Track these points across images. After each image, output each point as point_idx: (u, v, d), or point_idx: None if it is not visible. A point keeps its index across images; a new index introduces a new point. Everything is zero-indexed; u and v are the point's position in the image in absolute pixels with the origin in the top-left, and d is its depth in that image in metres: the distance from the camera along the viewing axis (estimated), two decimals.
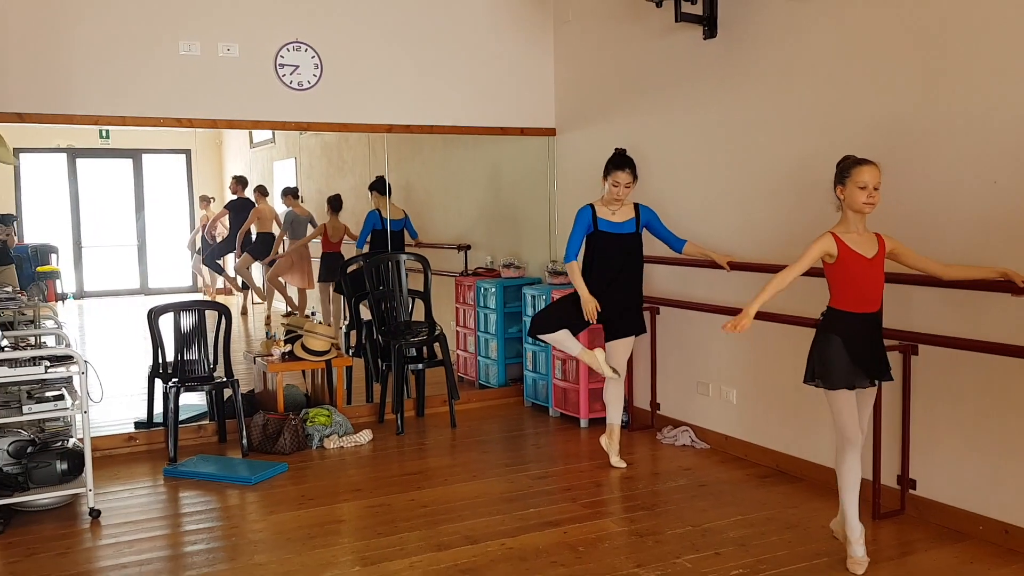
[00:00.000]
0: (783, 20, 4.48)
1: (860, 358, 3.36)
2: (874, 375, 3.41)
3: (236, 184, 7.41)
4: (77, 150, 7.46)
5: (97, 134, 6.63)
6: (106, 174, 7.91)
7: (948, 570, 3.42)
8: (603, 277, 4.70)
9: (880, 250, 3.37)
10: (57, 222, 7.56)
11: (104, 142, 7.02)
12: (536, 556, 3.61)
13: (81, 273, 7.73)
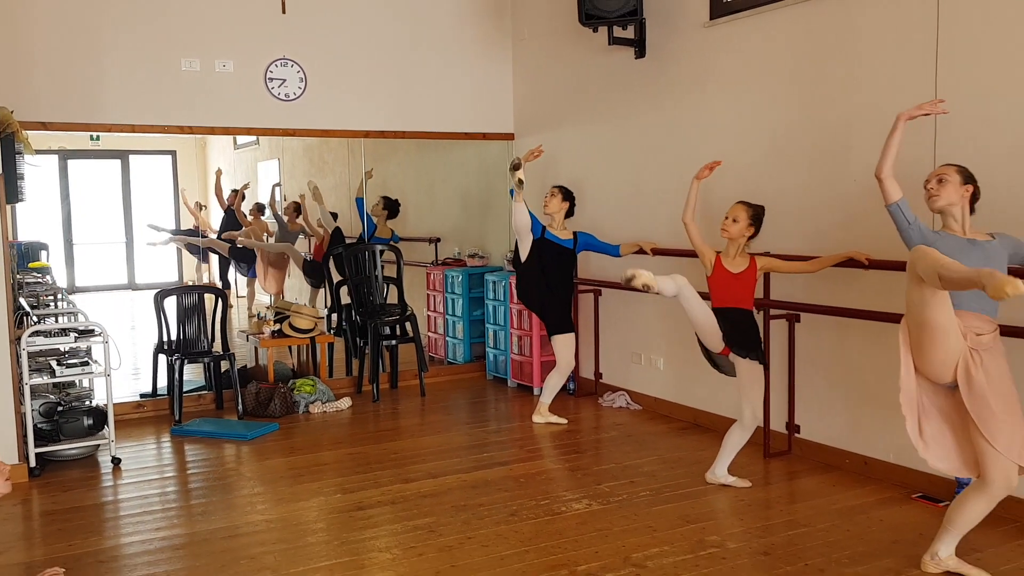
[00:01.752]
0: (698, 44, 5.31)
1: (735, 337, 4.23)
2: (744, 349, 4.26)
3: (233, 196, 8.03)
4: (68, 151, 7.96)
5: (88, 136, 7.01)
6: (96, 174, 8.43)
7: (822, 491, 4.26)
8: (543, 282, 5.52)
9: (749, 270, 4.24)
10: (49, 220, 8.01)
11: (94, 144, 7.54)
12: (485, 485, 4.42)
13: (72, 269, 8.30)
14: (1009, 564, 3.35)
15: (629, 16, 5.38)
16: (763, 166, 4.90)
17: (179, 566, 3.50)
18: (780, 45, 4.77)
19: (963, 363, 3.06)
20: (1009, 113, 3.71)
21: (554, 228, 5.58)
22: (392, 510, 4.07)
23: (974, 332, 3.11)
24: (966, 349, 3.06)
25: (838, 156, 4.46)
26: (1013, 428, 3.07)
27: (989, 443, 3.04)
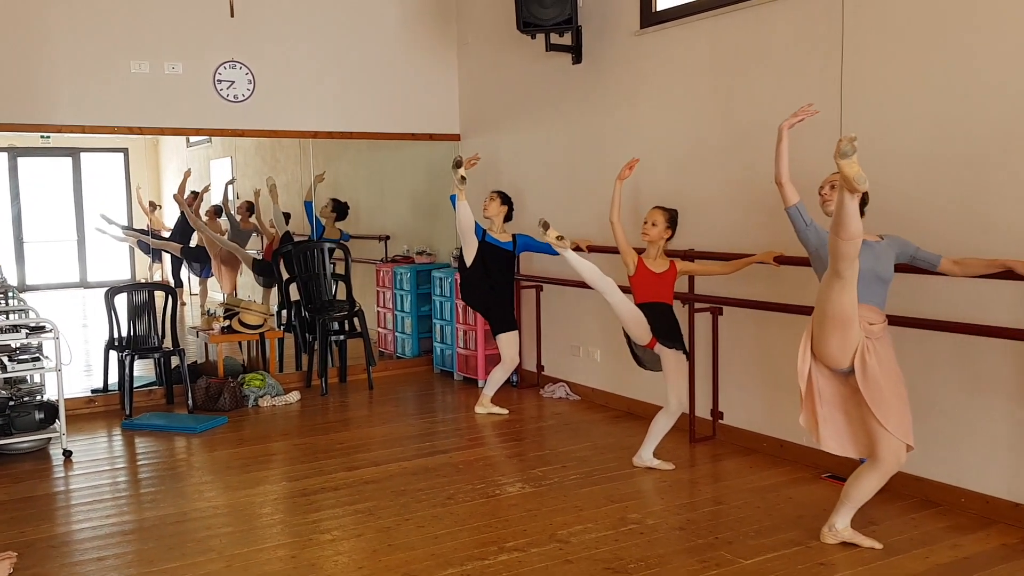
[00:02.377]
0: (629, 51, 5.58)
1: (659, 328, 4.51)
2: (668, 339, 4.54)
3: (193, 198, 8.11)
4: (18, 149, 7.95)
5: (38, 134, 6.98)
6: (46, 172, 8.44)
7: (740, 472, 4.55)
8: (487, 283, 5.75)
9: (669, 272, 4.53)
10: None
11: (44, 141, 7.61)
12: (425, 472, 4.65)
13: (23, 267, 8.35)
14: (901, 535, 3.66)
15: (564, 24, 5.64)
16: (688, 168, 5.18)
17: (128, 549, 3.68)
18: (702, 54, 5.05)
19: (859, 352, 3.36)
20: (905, 121, 4.02)
21: (494, 231, 5.81)
22: (335, 496, 4.29)
23: (867, 322, 3.41)
24: (863, 339, 3.36)
25: (754, 159, 4.75)
26: (901, 411, 3.38)
27: (881, 424, 3.34)
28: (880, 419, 3.34)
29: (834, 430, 3.47)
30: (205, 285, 8.33)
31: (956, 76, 3.81)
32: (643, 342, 4.52)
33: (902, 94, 4.02)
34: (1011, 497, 3.72)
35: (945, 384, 3.95)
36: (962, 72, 3.79)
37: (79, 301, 8.71)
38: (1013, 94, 3.61)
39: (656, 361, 4.57)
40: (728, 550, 3.53)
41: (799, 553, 3.49)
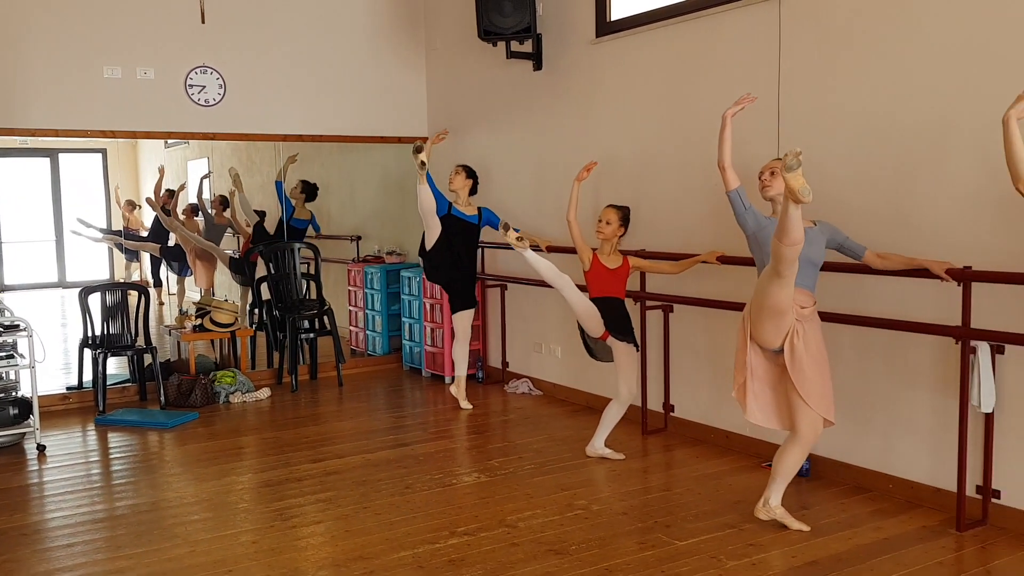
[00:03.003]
0: (587, 59, 5.80)
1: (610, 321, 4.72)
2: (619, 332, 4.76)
3: (168, 197, 8.25)
4: None
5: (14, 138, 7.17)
6: (24, 172, 8.54)
7: (686, 461, 4.78)
8: (450, 257, 5.93)
9: (622, 268, 4.73)
10: None
11: (22, 142, 7.76)
12: (386, 463, 4.84)
13: (1, 267, 8.46)
14: (829, 518, 3.89)
15: (523, 33, 5.84)
16: (642, 171, 5.40)
17: (97, 536, 3.86)
18: (654, 62, 5.27)
19: (790, 334, 3.59)
20: (838, 123, 4.25)
21: (460, 204, 5.97)
22: (298, 486, 4.47)
23: (800, 306, 3.63)
24: (794, 322, 3.59)
25: (702, 162, 4.97)
26: (823, 388, 3.63)
27: (803, 400, 3.59)
28: (803, 395, 3.58)
29: (762, 404, 3.74)
30: (183, 284, 8.48)
31: (886, 81, 4.04)
32: (596, 334, 4.73)
33: (835, 98, 4.25)
34: (933, 483, 3.96)
35: (876, 377, 4.18)
36: (892, 77, 4.02)
37: (57, 301, 8.84)
38: (941, 98, 3.84)
39: (608, 352, 4.78)
40: (665, 532, 3.75)
41: (732, 535, 3.71)
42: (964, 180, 3.75)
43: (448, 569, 3.42)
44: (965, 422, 3.69)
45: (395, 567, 3.45)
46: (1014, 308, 3.60)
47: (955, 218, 3.79)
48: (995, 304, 3.65)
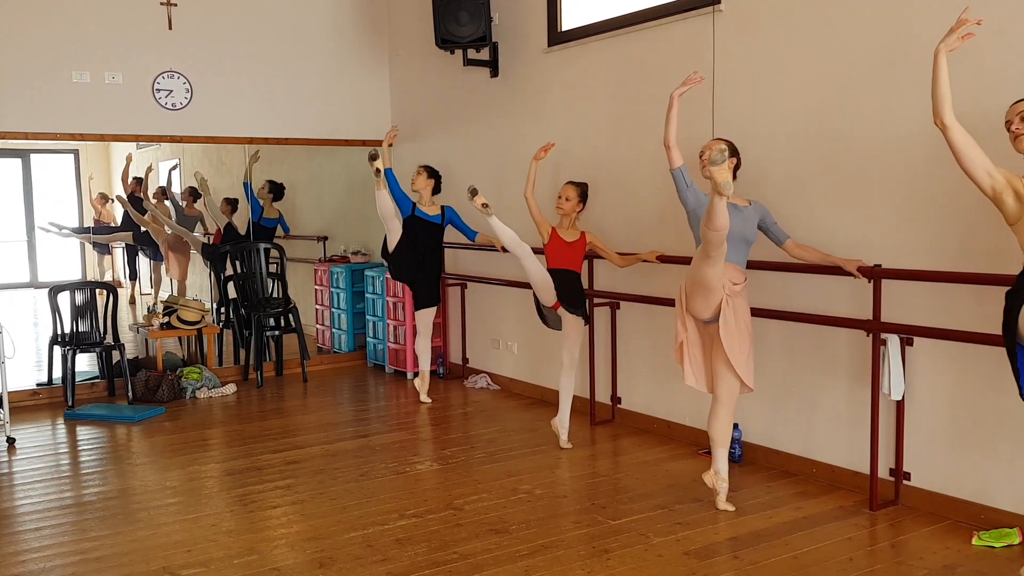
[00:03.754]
0: (539, 67, 6.06)
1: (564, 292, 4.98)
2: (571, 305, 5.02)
3: (135, 184, 8.42)
4: None
5: None
6: None
7: (629, 450, 5.04)
8: (414, 256, 6.17)
9: (579, 241, 4.99)
10: None
11: None
12: (344, 453, 5.07)
13: None
14: (755, 500, 4.17)
15: (479, 42, 6.09)
16: (590, 173, 5.65)
17: (64, 521, 4.06)
18: (601, 70, 5.54)
19: (722, 306, 3.86)
20: (768, 124, 4.53)
21: (423, 204, 6.19)
22: (258, 475, 4.70)
23: (732, 282, 3.90)
24: (725, 296, 3.86)
25: (647, 165, 5.25)
26: (747, 357, 3.91)
27: (728, 367, 3.88)
28: (732, 362, 3.87)
29: (696, 369, 4.05)
30: (159, 272, 8.59)
31: (807, 90, 4.32)
32: (548, 304, 5.00)
33: (762, 104, 4.53)
34: (851, 467, 4.25)
35: (801, 368, 4.47)
36: (812, 86, 4.30)
37: (30, 301, 8.97)
38: (856, 108, 4.12)
39: (558, 321, 5.06)
40: (601, 513, 4.01)
41: (662, 515, 3.98)
42: (877, 184, 4.04)
43: (394, 547, 3.66)
44: (877, 409, 3.98)
45: (345, 546, 3.69)
46: (922, 303, 3.89)
47: (868, 219, 4.08)
48: (905, 299, 3.94)
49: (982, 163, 2.98)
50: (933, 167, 3.77)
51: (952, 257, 3.76)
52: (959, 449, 3.83)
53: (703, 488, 4.21)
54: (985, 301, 3.61)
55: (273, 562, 3.54)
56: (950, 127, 2.98)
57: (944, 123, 2.98)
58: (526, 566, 3.45)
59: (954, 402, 3.83)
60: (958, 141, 2.97)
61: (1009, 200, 2.95)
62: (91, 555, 3.65)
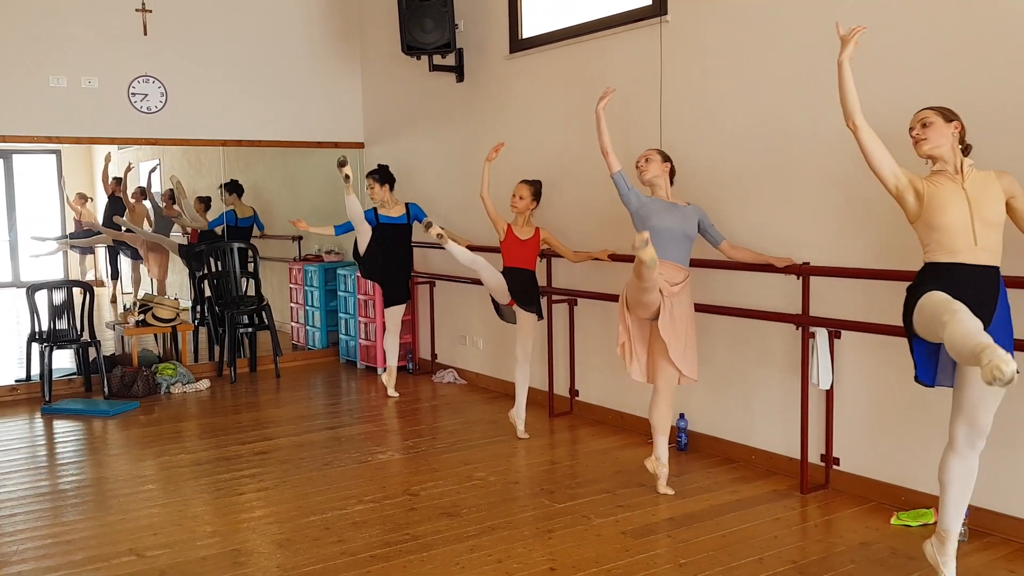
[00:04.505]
0: (502, 73, 6.28)
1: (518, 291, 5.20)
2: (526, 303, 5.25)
3: (115, 184, 8.60)
4: None
5: None
6: None
7: (583, 440, 5.27)
8: (386, 258, 6.39)
9: (534, 238, 5.22)
10: None
11: None
12: (311, 444, 5.29)
13: None
14: (694, 484, 4.41)
15: (443, 48, 6.31)
16: (548, 174, 5.88)
17: (40, 507, 4.26)
18: (559, 77, 5.77)
19: (660, 306, 4.09)
20: (707, 128, 4.77)
21: (385, 209, 6.41)
22: (226, 464, 4.91)
23: (669, 283, 4.12)
24: (663, 298, 4.09)
25: (601, 168, 5.47)
26: (687, 349, 4.16)
27: (665, 358, 4.13)
28: (671, 355, 4.11)
29: (640, 363, 4.27)
30: (139, 272, 8.78)
31: (745, 97, 4.57)
32: (503, 301, 5.24)
33: (705, 108, 4.78)
34: (787, 452, 4.50)
35: (741, 361, 4.71)
36: (750, 94, 4.54)
37: (11, 300, 9.12)
38: (789, 115, 4.37)
39: (512, 315, 5.29)
40: (548, 497, 4.25)
41: (605, 498, 4.21)
42: (806, 186, 4.29)
43: (350, 529, 3.88)
44: (806, 399, 4.23)
45: (304, 528, 3.91)
46: (848, 298, 4.14)
47: (798, 219, 4.33)
48: (832, 295, 4.19)
49: (888, 163, 3.21)
50: (857, 171, 4.01)
51: (874, 255, 4.01)
52: (883, 435, 4.08)
53: (648, 474, 4.45)
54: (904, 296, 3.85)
55: (235, 544, 3.76)
56: (860, 128, 3.21)
57: (855, 124, 3.21)
58: (472, 545, 3.67)
59: (878, 391, 4.08)
60: (867, 142, 3.21)
61: (910, 199, 3.18)
62: (62, 539, 3.86)
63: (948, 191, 3.09)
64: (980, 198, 3.07)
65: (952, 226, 3.05)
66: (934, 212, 3.09)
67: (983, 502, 3.68)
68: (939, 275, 3.05)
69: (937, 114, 3.16)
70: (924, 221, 3.13)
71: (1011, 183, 3.14)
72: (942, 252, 3.07)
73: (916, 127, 3.21)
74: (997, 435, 3.60)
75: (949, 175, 3.14)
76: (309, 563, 3.53)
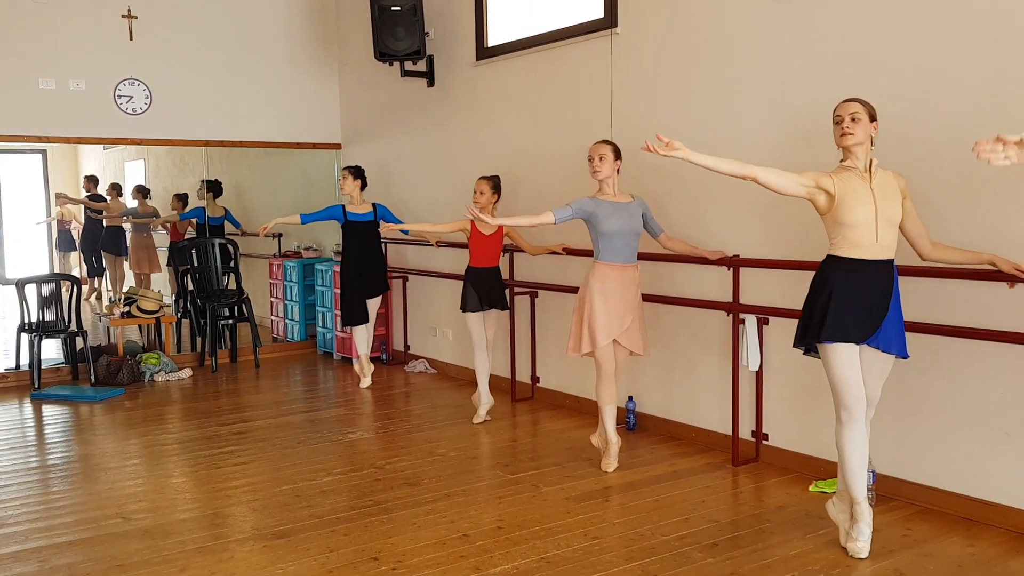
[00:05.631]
0: (469, 79, 6.67)
1: (484, 292, 5.56)
2: (496, 305, 5.61)
3: (88, 183, 8.94)
4: None
5: None
6: None
7: (541, 422, 5.65)
8: (359, 254, 6.76)
9: (497, 233, 5.60)
10: None
11: None
12: (287, 426, 5.65)
13: None
14: (638, 459, 4.79)
15: (414, 55, 6.69)
16: (512, 173, 6.28)
17: (31, 480, 4.60)
18: (520, 83, 6.17)
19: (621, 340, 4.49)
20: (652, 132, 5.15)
21: (353, 206, 6.78)
22: (206, 443, 5.26)
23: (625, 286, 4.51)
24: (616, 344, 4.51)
25: (559, 167, 5.87)
26: (642, 337, 4.54)
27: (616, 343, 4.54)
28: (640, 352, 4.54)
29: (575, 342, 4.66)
30: (122, 268, 9.07)
31: (683, 104, 4.97)
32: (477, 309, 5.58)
33: (651, 114, 5.17)
34: (723, 430, 4.89)
35: (685, 346, 5.11)
36: (686, 101, 4.94)
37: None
38: (716, 124, 4.77)
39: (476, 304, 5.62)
40: (503, 470, 4.63)
41: (555, 471, 4.60)
42: (736, 186, 4.68)
43: (319, 496, 4.25)
44: (737, 379, 4.63)
45: (276, 496, 4.27)
46: (775, 288, 4.54)
47: (730, 215, 4.73)
48: (761, 285, 4.59)
49: (794, 182, 3.43)
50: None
51: (797, 248, 4.41)
52: (806, 412, 4.48)
53: (597, 451, 4.83)
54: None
55: (213, 508, 4.12)
56: (755, 176, 3.41)
57: (750, 176, 3.41)
58: (429, 509, 4.05)
59: (801, 372, 4.48)
60: (767, 181, 3.42)
61: (821, 199, 3.52)
62: (53, 505, 4.21)
63: (858, 190, 3.37)
64: (884, 198, 3.38)
65: (859, 223, 3.35)
66: (844, 210, 3.37)
67: (889, 470, 4.09)
68: (844, 269, 3.38)
69: (865, 111, 3.39)
70: (833, 216, 3.43)
71: (904, 185, 3.51)
72: (847, 246, 3.40)
73: (846, 119, 3.37)
74: (902, 409, 4.02)
75: (858, 173, 3.41)
76: (280, 524, 3.90)
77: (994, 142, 2.75)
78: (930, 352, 3.90)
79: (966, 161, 3.70)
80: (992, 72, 3.63)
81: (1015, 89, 3.56)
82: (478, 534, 3.74)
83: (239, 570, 3.41)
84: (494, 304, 5.60)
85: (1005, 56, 3.58)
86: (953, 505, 3.88)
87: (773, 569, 3.35)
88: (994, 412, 3.73)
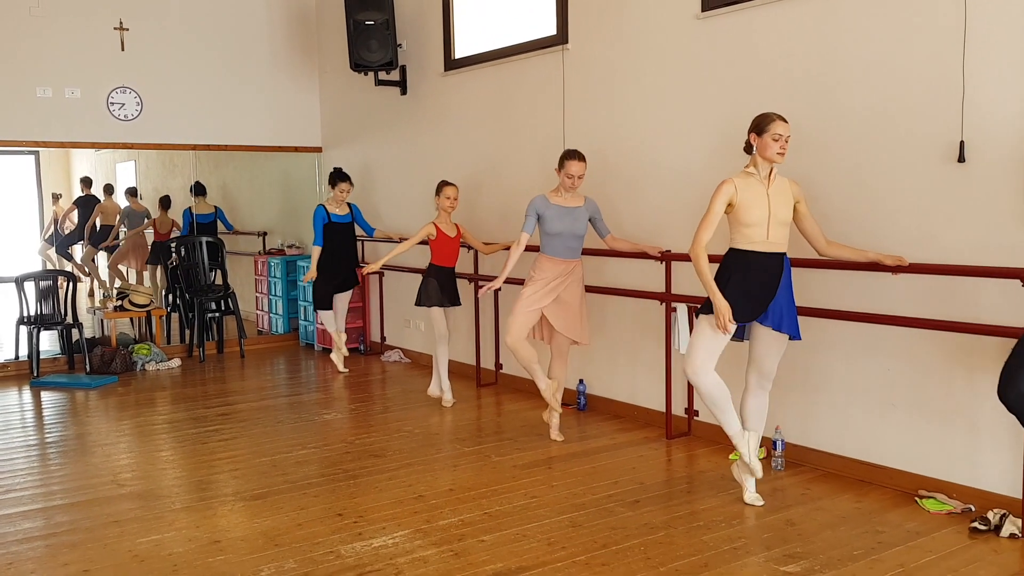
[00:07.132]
0: (439, 89, 7.18)
1: (446, 289, 6.07)
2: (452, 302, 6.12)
3: (83, 184, 9.41)
4: None
5: None
6: None
7: (504, 403, 6.17)
8: (338, 252, 7.27)
9: (457, 234, 6.11)
10: None
11: None
12: (268, 408, 6.15)
13: None
14: (581, 434, 5.31)
15: (387, 65, 7.20)
16: (475, 178, 6.80)
17: (31, 455, 5.10)
18: (483, 94, 6.68)
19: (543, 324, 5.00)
20: (599, 139, 5.68)
21: (334, 207, 7.25)
22: (192, 424, 5.76)
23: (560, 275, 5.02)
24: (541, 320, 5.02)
25: (517, 172, 6.39)
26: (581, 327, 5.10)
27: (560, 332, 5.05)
28: (571, 336, 5.06)
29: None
30: (113, 278, 9.57)
31: (626, 115, 5.49)
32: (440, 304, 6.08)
33: (596, 123, 5.69)
34: (660, 408, 5.42)
35: (629, 333, 5.63)
36: (628, 112, 5.47)
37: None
38: (655, 134, 5.29)
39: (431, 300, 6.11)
40: (460, 444, 5.15)
41: (507, 444, 5.12)
42: (667, 191, 5.21)
43: (293, 466, 4.76)
44: (669, 361, 5.16)
45: (255, 466, 4.78)
46: None
47: (664, 214, 5.26)
48: (693, 276, 5.10)
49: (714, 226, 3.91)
50: (705, 175, 4.94)
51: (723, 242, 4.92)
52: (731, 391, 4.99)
53: (546, 427, 5.34)
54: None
55: (198, 476, 4.63)
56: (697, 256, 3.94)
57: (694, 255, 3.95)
58: (391, 475, 4.56)
59: (726, 354, 4.99)
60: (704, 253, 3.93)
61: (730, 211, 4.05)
62: (55, 474, 4.71)
63: (756, 195, 3.90)
64: (778, 203, 3.93)
65: (754, 223, 3.90)
66: (743, 212, 3.92)
67: (797, 440, 4.62)
68: (739, 260, 3.93)
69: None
70: (735, 217, 3.98)
71: (799, 191, 4.04)
72: (744, 241, 3.95)
73: (783, 140, 3.84)
74: (807, 385, 4.55)
75: (759, 179, 3.98)
76: (258, 488, 4.40)
77: None
78: (830, 335, 4.44)
79: (858, 167, 4.23)
80: (879, 89, 4.16)
81: (898, 104, 4.09)
82: (432, 495, 4.25)
83: (221, 524, 3.92)
84: (453, 301, 6.11)
85: (888, 75, 4.12)
86: (851, 469, 4.41)
87: (682, 519, 3.88)
88: (883, 385, 4.26)
